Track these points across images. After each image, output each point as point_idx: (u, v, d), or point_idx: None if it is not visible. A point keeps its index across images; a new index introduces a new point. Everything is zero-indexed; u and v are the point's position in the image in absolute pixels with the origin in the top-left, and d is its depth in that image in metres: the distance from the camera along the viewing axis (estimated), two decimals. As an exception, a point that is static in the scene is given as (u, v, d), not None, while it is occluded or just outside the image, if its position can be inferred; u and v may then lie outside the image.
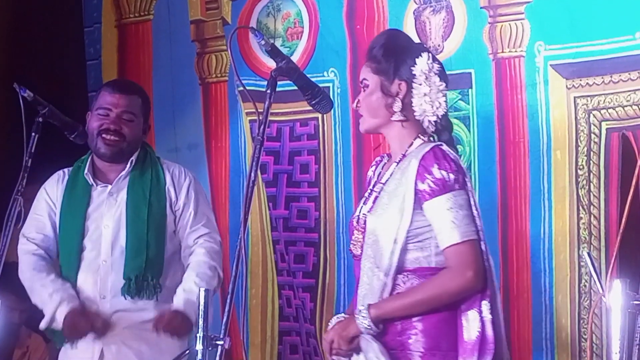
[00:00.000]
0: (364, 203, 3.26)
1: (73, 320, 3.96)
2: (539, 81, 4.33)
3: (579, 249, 4.23)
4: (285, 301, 5.09)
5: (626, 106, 4.18)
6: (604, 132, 4.23)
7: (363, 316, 3.09)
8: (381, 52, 3.24)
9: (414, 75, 3.19)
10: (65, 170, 4.22)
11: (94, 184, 4.11)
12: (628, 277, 3.15)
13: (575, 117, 4.27)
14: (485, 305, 3.07)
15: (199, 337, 2.82)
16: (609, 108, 4.22)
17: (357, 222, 3.23)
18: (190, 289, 3.98)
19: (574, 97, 4.28)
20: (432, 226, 3.12)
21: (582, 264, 4.23)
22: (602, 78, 4.22)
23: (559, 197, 4.29)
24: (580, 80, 4.27)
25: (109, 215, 4.08)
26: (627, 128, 4.18)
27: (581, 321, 4.24)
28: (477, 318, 3.07)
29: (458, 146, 4.49)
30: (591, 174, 4.23)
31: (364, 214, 3.21)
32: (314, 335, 4.94)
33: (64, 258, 4.11)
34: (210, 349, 2.83)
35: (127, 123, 4.09)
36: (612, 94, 4.21)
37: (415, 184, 3.11)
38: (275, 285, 5.14)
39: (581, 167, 4.25)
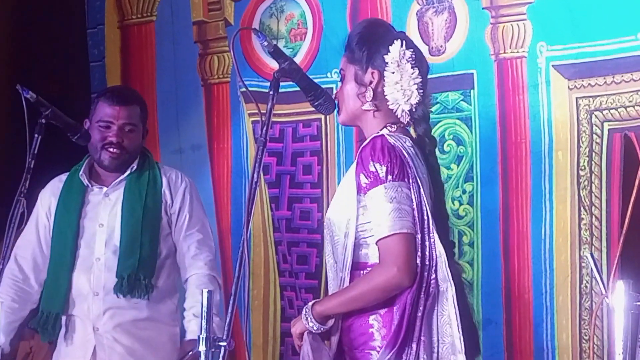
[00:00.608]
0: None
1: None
2: (541, 82, 4.33)
3: (580, 249, 4.23)
4: (287, 302, 5.09)
5: (628, 107, 4.18)
6: (606, 132, 4.23)
7: (306, 312, 3.08)
8: (355, 41, 3.19)
9: (386, 63, 3.12)
10: (62, 176, 4.25)
11: (89, 185, 4.15)
12: (630, 278, 3.14)
13: (577, 118, 4.27)
14: (408, 299, 2.98)
15: (202, 338, 2.81)
16: (611, 109, 4.22)
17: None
18: (199, 312, 3.98)
19: (576, 98, 4.28)
20: None
21: (583, 264, 4.23)
22: (604, 79, 4.21)
23: (561, 198, 4.29)
24: (582, 80, 4.26)
25: (104, 214, 4.12)
26: (630, 129, 4.18)
27: (582, 322, 4.24)
28: (399, 312, 2.99)
29: (460, 147, 4.51)
30: (593, 175, 4.23)
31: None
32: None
33: (57, 256, 4.12)
34: (213, 350, 2.83)
35: (128, 134, 4.14)
36: (614, 94, 4.20)
37: (357, 176, 3.06)
38: (278, 287, 5.14)
39: (583, 167, 4.25)
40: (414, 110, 3.15)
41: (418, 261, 3.00)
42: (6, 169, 4.74)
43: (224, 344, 2.82)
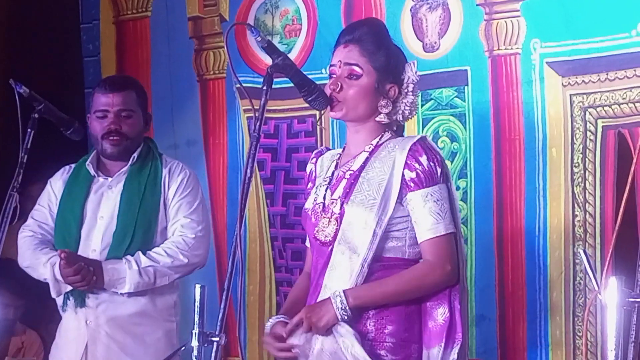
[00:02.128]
0: (329, 190, 3.22)
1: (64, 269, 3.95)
2: (535, 78, 4.34)
3: (574, 246, 4.24)
4: (283, 298, 5.09)
5: (622, 104, 4.18)
6: (599, 129, 4.23)
7: (341, 302, 3.06)
8: (384, 50, 3.21)
9: (403, 80, 3.20)
10: (72, 165, 4.24)
11: (95, 175, 4.13)
12: (623, 274, 3.14)
13: (571, 115, 4.28)
14: (454, 293, 3.10)
15: (195, 333, 2.82)
16: (605, 106, 4.22)
17: (323, 209, 3.19)
18: (136, 258, 4.00)
19: (570, 95, 4.29)
20: (410, 217, 3.12)
21: (577, 261, 4.23)
22: (598, 75, 4.22)
23: (555, 195, 4.29)
24: (576, 77, 4.27)
25: (105, 207, 4.10)
26: (623, 126, 4.19)
27: (576, 319, 4.25)
28: (445, 306, 3.09)
29: (454, 143, 4.52)
30: (587, 172, 4.24)
31: (333, 199, 3.18)
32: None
33: (59, 245, 4.09)
34: (205, 345, 2.83)
35: (125, 120, 4.09)
36: (608, 91, 4.21)
37: (403, 173, 3.10)
38: (273, 282, 5.15)
39: (577, 164, 4.26)
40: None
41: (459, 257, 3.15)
42: (-1, 164, 4.75)
43: (217, 339, 2.82)
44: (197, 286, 2.86)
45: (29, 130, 3.70)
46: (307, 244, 3.36)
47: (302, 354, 3.13)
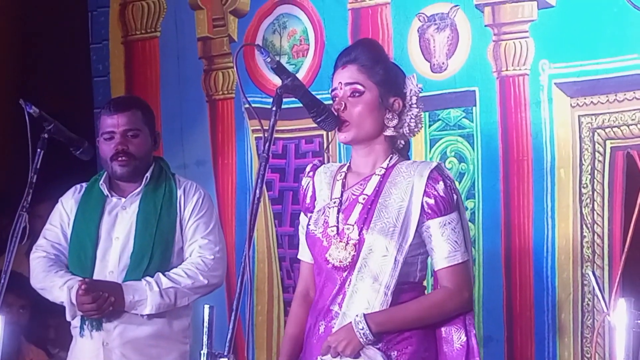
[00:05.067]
0: (342, 214, 3.22)
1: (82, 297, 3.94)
2: (543, 99, 4.34)
3: (582, 267, 4.23)
4: (291, 318, 5.08)
5: (631, 125, 4.18)
6: (608, 150, 4.23)
7: (362, 329, 3.09)
8: (382, 65, 3.24)
9: (405, 93, 3.24)
10: (83, 184, 4.23)
11: (109, 195, 4.13)
12: (632, 295, 3.13)
13: (580, 136, 4.28)
14: (468, 318, 3.17)
15: (203, 354, 2.81)
16: (614, 127, 4.22)
17: (338, 233, 3.19)
18: (157, 279, 4.00)
19: (578, 116, 4.29)
20: (428, 243, 3.17)
21: (585, 282, 4.22)
22: (607, 97, 4.22)
23: (563, 216, 4.29)
24: (585, 98, 4.27)
25: (120, 227, 4.09)
26: (632, 147, 4.18)
27: (584, 340, 4.24)
28: (461, 331, 3.16)
29: (462, 164, 4.52)
30: (595, 193, 4.23)
31: (349, 224, 3.19)
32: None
33: (74, 266, 4.09)
34: (215, 365, 2.83)
35: (132, 140, 4.08)
36: (616, 112, 4.21)
37: (422, 201, 3.14)
38: (282, 302, 5.14)
39: (585, 185, 4.25)
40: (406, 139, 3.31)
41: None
42: (9, 183, 4.76)
43: (225, 359, 2.82)
44: (206, 307, 2.86)
45: (38, 150, 3.70)
46: (305, 263, 3.39)
47: None
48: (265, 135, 3.00)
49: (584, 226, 4.24)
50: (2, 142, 5.88)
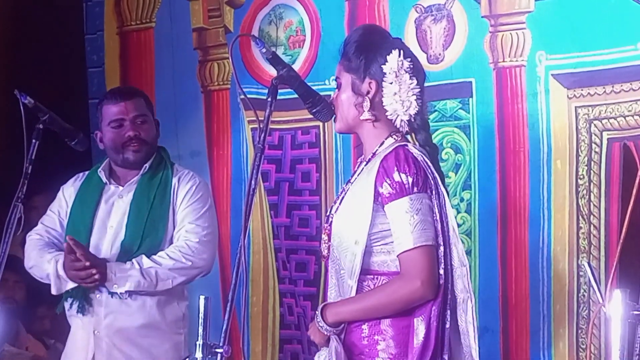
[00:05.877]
0: (334, 203, 3.22)
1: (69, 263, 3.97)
2: (540, 91, 4.33)
3: (578, 258, 4.23)
4: (286, 309, 5.09)
5: (627, 116, 4.18)
6: (605, 142, 4.23)
7: (319, 320, 3.09)
8: (353, 49, 3.16)
9: (384, 73, 3.11)
10: (86, 172, 4.25)
11: (107, 182, 4.14)
12: (628, 287, 3.14)
13: (576, 127, 4.28)
14: (433, 311, 3.01)
15: (199, 344, 2.82)
16: (610, 118, 4.22)
17: (326, 222, 3.20)
18: (139, 260, 4.01)
19: (575, 107, 4.28)
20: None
21: (580, 273, 4.23)
22: (604, 88, 4.21)
23: (559, 207, 4.29)
24: (582, 90, 4.27)
25: (114, 216, 4.11)
26: (629, 138, 4.18)
27: (579, 331, 4.24)
28: (424, 324, 3.01)
29: (458, 155, 4.52)
30: (591, 184, 4.23)
31: (332, 214, 3.19)
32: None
33: None
34: (210, 356, 2.83)
35: (142, 126, 4.12)
36: (613, 104, 4.20)
37: (375, 185, 3.04)
38: (277, 293, 5.14)
39: (581, 176, 4.25)
40: (412, 120, 3.15)
41: (442, 272, 3.04)
42: (4, 174, 4.75)
43: (221, 350, 2.82)
44: (202, 297, 2.87)
45: (33, 140, 3.71)
46: None
47: None
48: (261, 126, 3.00)
49: (580, 217, 4.24)
50: (-3, 132, 5.87)
